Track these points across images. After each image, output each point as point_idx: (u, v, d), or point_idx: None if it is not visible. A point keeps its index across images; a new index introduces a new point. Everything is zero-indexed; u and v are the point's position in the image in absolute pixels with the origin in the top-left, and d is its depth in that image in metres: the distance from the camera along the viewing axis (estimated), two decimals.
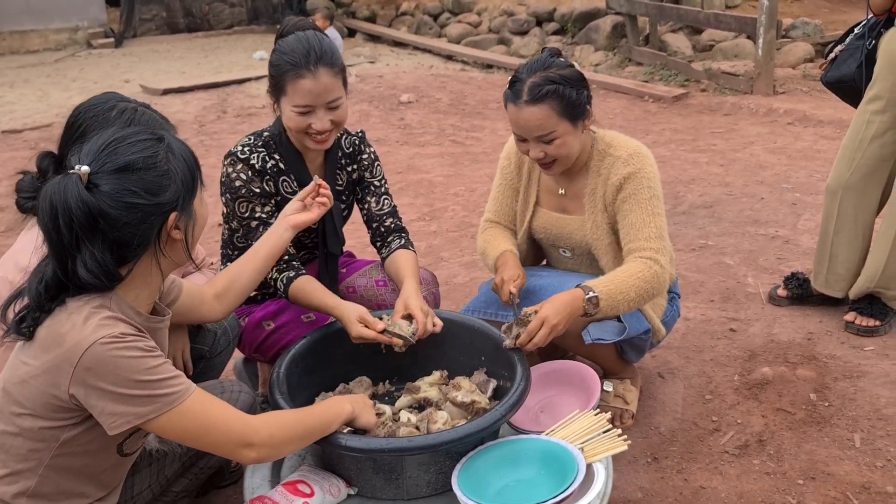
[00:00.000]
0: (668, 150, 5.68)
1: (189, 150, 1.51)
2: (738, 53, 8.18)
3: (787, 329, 3.02)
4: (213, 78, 8.66)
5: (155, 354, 1.39)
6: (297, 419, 1.60)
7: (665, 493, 2.18)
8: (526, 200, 2.44)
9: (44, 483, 1.44)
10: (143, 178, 1.39)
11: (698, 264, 3.68)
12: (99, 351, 1.33)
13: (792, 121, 6.27)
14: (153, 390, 1.37)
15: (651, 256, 2.15)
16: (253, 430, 1.47)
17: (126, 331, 1.36)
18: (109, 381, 1.34)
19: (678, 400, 2.61)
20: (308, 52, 2.03)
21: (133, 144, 1.42)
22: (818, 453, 2.31)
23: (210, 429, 1.43)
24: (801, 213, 4.27)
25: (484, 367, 2.07)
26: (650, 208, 2.20)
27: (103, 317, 1.37)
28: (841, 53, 3.05)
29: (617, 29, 9.16)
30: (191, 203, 1.48)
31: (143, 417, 1.37)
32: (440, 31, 11.13)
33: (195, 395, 1.42)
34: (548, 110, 2.11)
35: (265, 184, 2.17)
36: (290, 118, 2.09)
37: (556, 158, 2.19)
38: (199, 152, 5.69)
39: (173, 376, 1.40)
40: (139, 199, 1.38)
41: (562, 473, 1.66)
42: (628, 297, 2.10)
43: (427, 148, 6.10)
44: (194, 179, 1.49)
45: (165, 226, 1.43)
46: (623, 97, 7.34)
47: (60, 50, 11.37)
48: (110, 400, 1.35)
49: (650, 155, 2.27)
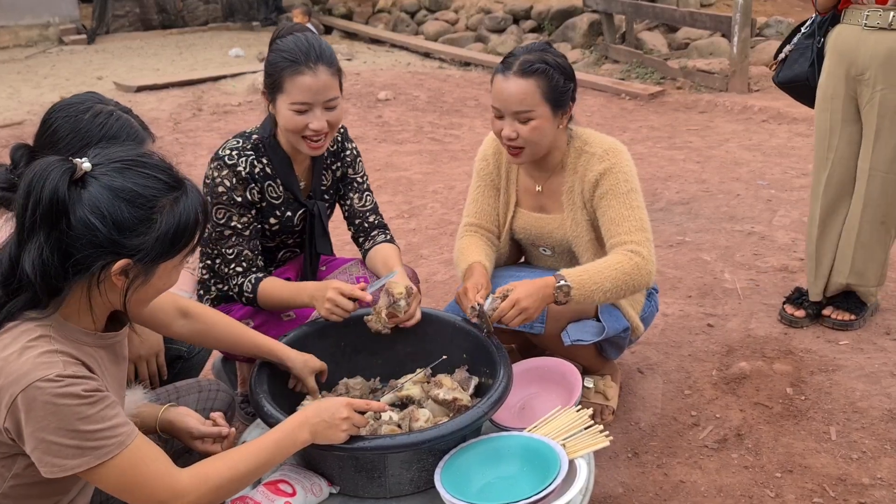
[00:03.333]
0: (644, 147, 5.71)
1: (197, 215, 1.37)
2: (713, 51, 8.25)
3: (764, 324, 3.06)
4: (189, 75, 8.56)
5: (92, 400, 1.30)
6: (234, 470, 1.45)
7: (645, 487, 2.20)
8: (507, 202, 2.43)
9: (8, 495, 1.39)
10: (122, 210, 1.29)
11: (676, 260, 3.71)
12: (33, 394, 1.24)
13: (766, 118, 6.35)
14: (84, 441, 1.29)
15: (632, 249, 2.15)
16: (179, 495, 1.37)
17: (64, 371, 1.27)
18: (42, 426, 1.26)
19: (658, 395, 2.62)
20: (308, 51, 2.03)
21: (146, 176, 1.32)
22: (795, 446, 2.34)
23: (134, 487, 1.35)
24: (776, 210, 4.32)
25: (465, 365, 2.06)
26: (628, 202, 2.21)
27: (41, 351, 1.28)
28: (791, 53, 3.04)
29: (594, 27, 9.20)
30: (155, 264, 1.34)
31: (71, 470, 1.30)
32: (417, 28, 11.11)
33: (129, 450, 1.33)
34: (533, 86, 2.11)
35: (248, 192, 2.14)
36: (287, 118, 2.06)
37: (525, 144, 2.17)
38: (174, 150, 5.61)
39: (108, 427, 1.31)
40: (101, 225, 1.28)
41: (544, 470, 1.67)
42: (603, 287, 2.08)
43: (405, 145, 6.09)
44: (175, 245, 1.34)
45: (111, 265, 1.31)
46: (600, 95, 7.38)
47: (31, 46, 11.18)
48: (41, 447, 1.28)
49: (625, 150, 2.28)
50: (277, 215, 2.22)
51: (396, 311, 2.01)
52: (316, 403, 1.63)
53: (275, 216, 2.22)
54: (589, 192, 2.25)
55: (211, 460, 1.46)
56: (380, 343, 2.14)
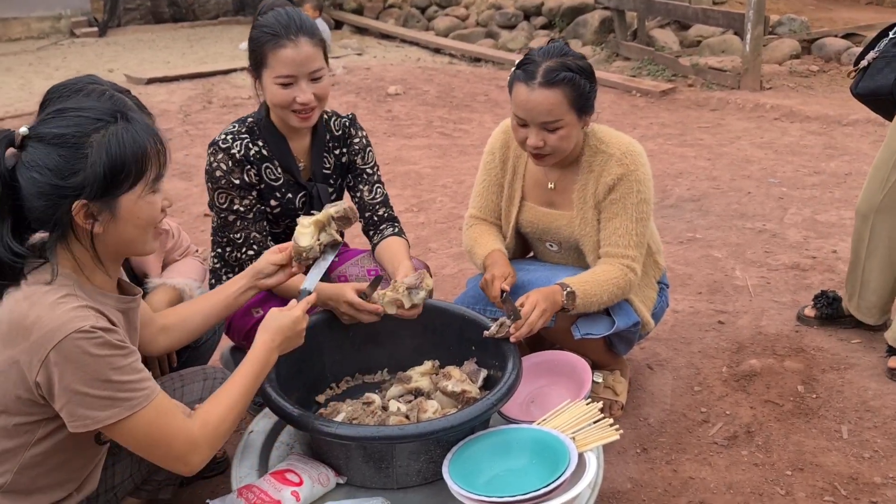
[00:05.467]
0: (655, 144, 5.68)
1: (140, 141, 1.37)
2: (725, 49, 8.21)
3: (775, 321, 3.03)
4: (199, 68, 8.57)
5: (124, 352, 1.34)
6: (228, 408, 1.51)
7: (654, 483, 2.18)
8: (511, 196, 2.41)
9: (19, 480, 1.41)
10: (53, 155, 1.31)
11: (686, 257, 3.68)
12: (70, 345, 1.27)
13: (779, 116, 6.30)
14: (116, 392, 1.32)
15: (629, 265, 2.20)
16: (195, 446, 1.44)
17: (97, 324, 1.31)
18: (76, 378, 1.29)
19: (667, 391, 2.61)
20: (288, 24, 2.03)
21: (72, 117, 1.34)
22: (806, 444, 2.32)
23: (157, 442, 1.40)
24: (787, 208, 4.28)
25: (474, 357, 2.05)
26: (636, 214, 2.20)
27: (73, 306, 1.31)
28: (875, 62, 2.67)
29: (605, 24, 9.16)
30: (113, 196, 1.35)
31: (101, 422, 1.33)
32: (428, 23, 11.08)
33: (153, 403, 1.38)
34: (560, 97, 2.08)
35: (245, 174, 2.14)
36: (273, 93, 2.07)
37: (553, 152, 2.15)
38: (183, 142, 5.61)
39: (137, 379, 1.36)
40: (40, 175, 1.30)
41: (553, 462, 1.65)
42: (601, 299, 2.16)
43: (415, 140, 6.07)
44: (120, 172, 1.34)
45: (70, 212, 1.33)
46: (611, 91, 7.34)
47: (43, 38, 11.20)
48: (73, 399, 1.30)
49: (643, 153, 2.25)
50: (277, 197, 2.21)
51: (413, 297, 1.96)
52: (274, 325, 1.65)
53: (275, 198, 2.21)
54: (602, 194, 2.23)
55: (206, 406, 1.51)
56: (388, 335, 2.14)
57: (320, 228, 1.85)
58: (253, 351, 1.63)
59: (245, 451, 1.88)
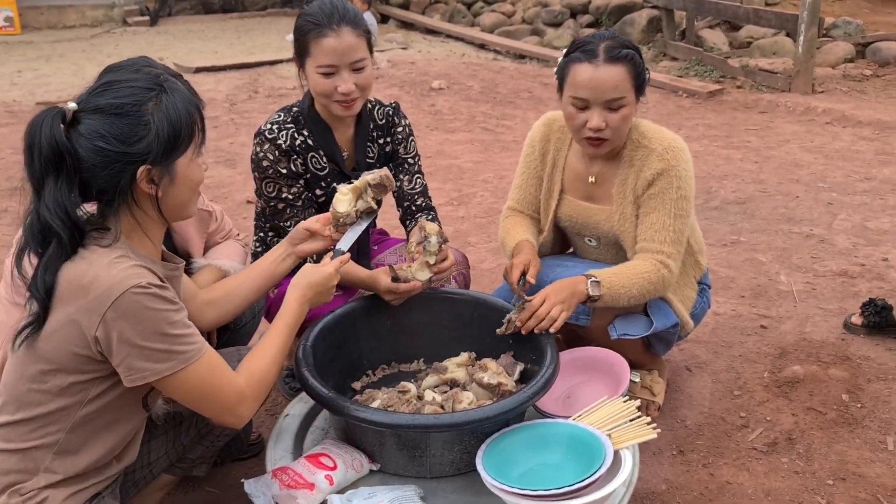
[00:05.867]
0: (700, 145, 5.59)
1: (188, 108, 1.45)
2: (776, 51, 8.03)
3: (820, 328, 2.96)
4: (246, 58, 8.67)
5: (177, 308, 1.41)
6: (269, 360, 1.59)
7: (690, 486, 2.14)
8: (550, 189, 2.38)
9: (70, 440, 1.45)
10: (117, 124, 1.37)
11: (729, 260, 3.61)
12: (128, 300, 1.33)
13: (830, 120, 6.15)
14: (172, 345, 1.39)
15: (663, 261, 2.15)
16: (243, 397, 1.51)
17: (152, 280, 1.37)
18: (135, 332, 1.35)
19: (706, 394, 2.56)
20: (331, 13, 2.04)
21: (124, 89, 1.40)
22: (849, 454, 2.26)
23: (209, 395, 1.47)
24: (836, 213, 4.18)
25: (511, 351, 2.04)
26: (675, 210, 2.16)
27: (129, 265, 1.37)
28: None
29: (652, 23, 9.03)
30: (171, 160, 1.42)
31: (159, 374, 1.39)
32: (473, 19, 11.05)
33: (206, 355, 1.45)
34: (624, 72, 2.06)
35: (292, 164, 2.16)
36: (315, 82, 2.08)
37: (612, 135, 2.11)
38: (228, 130, 5.69)
39: (190, 332, 1.43)
40: (106, 144, 1.36)
41: (588, 458, 1.63)
42: (630, 293, 2.10)
43: (457, 134, 6.06)
44: (179, 137, 1.42)
45: (135, 177, 1.40)
46: (656, 91, 7.24)
47: (96, 26, 11.45)
48: (132, 353, 1.36)
49: (686, 148, 2.21)
50: (323, 186, 2.22)
51: (428, 248, 1.99)
52: (307, 278, 1.72)
53: (320, 187, 2.22)
54: (642, 189, 2.20)
55: (247, 361, 1.58)
56: (426, 324, 2.13)
57: (357, 195, 1.88)
58: (286, 305, 1.70)
59: (280, 435, 1.89)
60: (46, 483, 1.44)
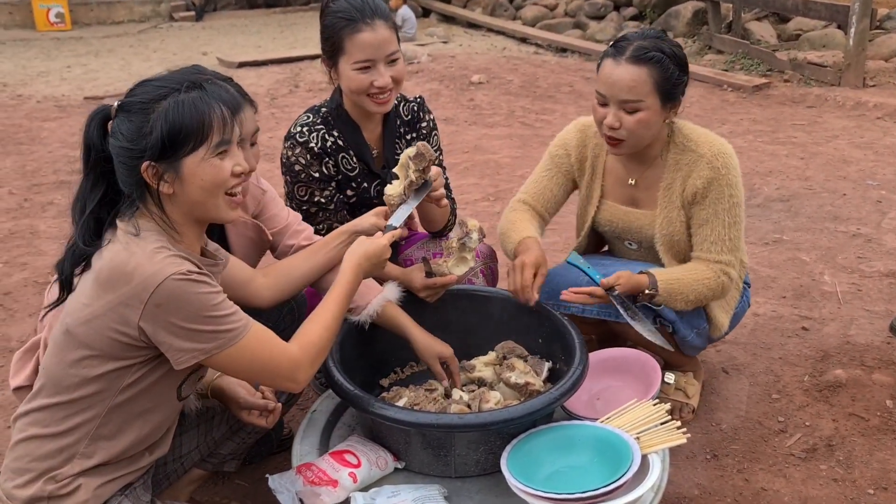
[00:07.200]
0: (745, 140, 5.46)
1: (205, 107, 1.43)
2: (826, 44, 7.81)
3: (866, 331, 2.87)
4: (288, 53, 8.76)
5: (219, 290, 1.45)
6: (323, 328, 1.62)
7: (724, 491, 2.09)
8: (589, 195, 2.34)
9: (106, 425, 1.48)
10: (130, 121, 1.42)
11: (771, 259, 3.52)
12: (171, 286, 1.37)
13: (882, 115, 5.95)
14: (218, 325, 1.42)
15: (724, 270, 2.14)
16: (298, 365, 1.54)
17: (192, 268, 1.41)
18: (179, 316, 1.39)
19: (742, 397, 2.50)
20: (363, 7, 2.02)
21: (148, 88, 1.44)
22: (892, 463, 2.18)
23: (264, 366, 1.50)
24: (886, 212, 4.04)
25: (539, 352, 2.01)
26: (730, 218, 2.14)
27: (169, 254, 1.41)
28: None
29: (698, 15, 8.86)
30: (176, 158, 1.42)
31: (207, 353, 1.43)
32: (515, 13, 10.97)
33: (252, 331, 1.48)
34: (645, 75, 2.01)
35: (324, 166, 2.15)
36: (350, 79, 2.06)
37: (627, 137, 2.07)
38: (269, 125, 5.75)
39: (234, 312, 1.47)
40: (117, 141, 1.43)
41: (616, 462, 1.60)
42: (687, 297, 2.10)
43: (496, 129, 6.03)
44: (182, 135, 1.41)
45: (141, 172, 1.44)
46: (701, 85, 7.10)
47: (144, 21, 11.68)
48: (178, 336, 1.40)
49: (733, 154, 2.17)
50: (353, 187, 2.22)
51: (468, 244, 2.01)
52: (361, 250, 1.76)
53: (351, 188, 2.22)
54: (690, 196, 2.15)
55: (304, 328, 1.62)
56: (455, 322, 2.12)
57: (404, 175, 1.90)
58: (342, 274, 1.73)
59: (307, 431, 1.90)
60: (80, 469, 1.47)
